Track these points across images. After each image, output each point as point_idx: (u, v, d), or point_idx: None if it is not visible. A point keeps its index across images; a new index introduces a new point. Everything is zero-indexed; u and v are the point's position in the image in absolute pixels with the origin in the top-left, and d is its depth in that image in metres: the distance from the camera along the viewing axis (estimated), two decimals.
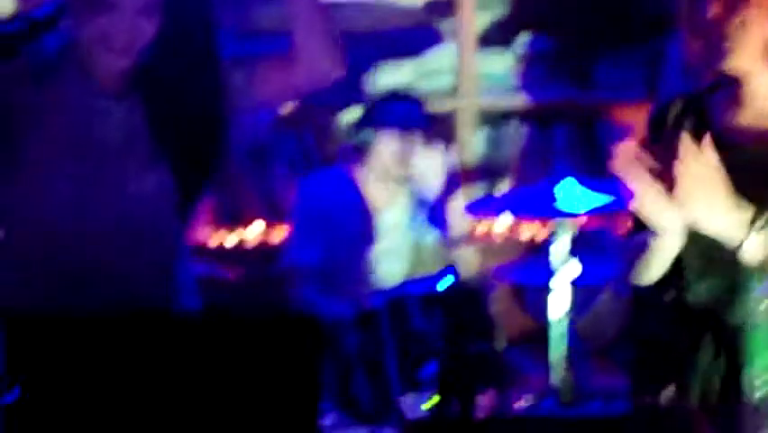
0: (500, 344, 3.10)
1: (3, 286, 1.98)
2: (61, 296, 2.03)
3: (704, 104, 2.18)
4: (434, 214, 3.90)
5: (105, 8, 2.03)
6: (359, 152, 3.69)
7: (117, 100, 2.14)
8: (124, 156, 2.14)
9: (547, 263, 3.42)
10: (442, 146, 3.72)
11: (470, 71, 4.22)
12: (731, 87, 2.13)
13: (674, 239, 2.00)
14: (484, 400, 1.95)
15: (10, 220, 2.10)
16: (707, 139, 1.94)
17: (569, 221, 3.34)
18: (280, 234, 4.03)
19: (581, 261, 3.49)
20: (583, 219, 4.04)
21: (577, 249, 3.58)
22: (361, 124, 3.72)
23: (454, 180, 3.80)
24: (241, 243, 4.15)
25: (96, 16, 2.04)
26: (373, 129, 3.64)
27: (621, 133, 4.34)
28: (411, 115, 3.69)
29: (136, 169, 2.15)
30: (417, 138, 3.67)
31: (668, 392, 1.99)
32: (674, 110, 2.20)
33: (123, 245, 2.11)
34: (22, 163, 2.09)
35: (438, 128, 4.29)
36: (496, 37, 4.35)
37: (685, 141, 1.92)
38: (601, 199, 3.48)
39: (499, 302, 3.44)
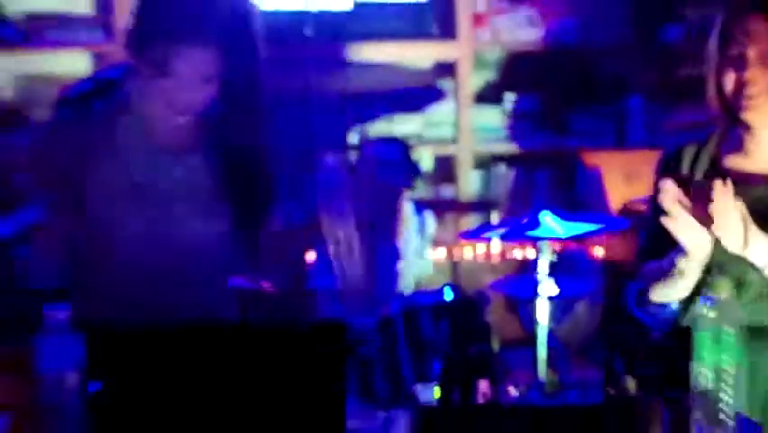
0: (495, 345, 3.08)
1: (83, 305, 1.93)
2: (130, 312, 2.00)
3: (715, 149, 2.13)
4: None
5: (170, 75, 1.96)
6: None
7: (176, 157, 2.08)
8: (184, 205, 2.08)
9: (533, 279, 3.41)
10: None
11: (466, 123, 4.20)
12: (740, 136, 2.10)
13: (701, 264, 1.97)
14: (481, 391, 1.90)
15: (87, 253, 2.06)
16: (729, 181, 1.89)
17: (547, 244, 3.32)
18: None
19: (561, 278, 3.48)
20: (559, 244, 4.03)
21: (557, 268, 3.56)
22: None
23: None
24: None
25: (162, 81, 1.97)
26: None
27: (592, 173, 4.32)
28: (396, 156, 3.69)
29: (193, 213, 2.09)
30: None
31: (631, 384, 1.97)
32: (688, 155, 2.14)
33: (181, 277, 2.07)
34: (94, 202, 2.04)
35: (441, 169, 4.33)
36: (488, 95, 4.34)
37: (717, 183, 1.87)
38: (574, 228, 3.47)
39: (494, 311, 3.41)
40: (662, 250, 2.08)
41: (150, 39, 1.96)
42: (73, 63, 4.10)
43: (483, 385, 1.96)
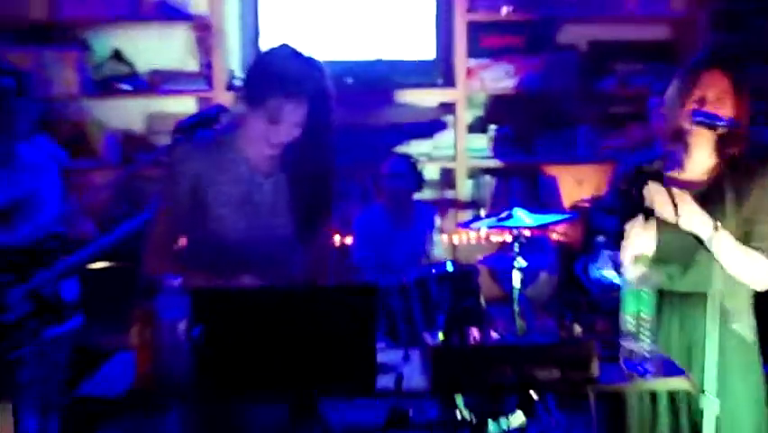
0: (483, 302, 3.08)
1: (191, 275, 1.93)
2: (227, 279, 1.99)
3: (660, 166, 2.12)
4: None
5: (277, 122, 1.96)
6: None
7: (265, 177, 2.07)
8: (270, 212, 2.08)
9: (509, 256, 3.40)
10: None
11: (462, 146, 4.18)
12: (678, 155, 2.10)
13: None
14: (472, 335, 1.91)
15: (201, 253, 2.05)
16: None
17: (521, 231, 3.31)
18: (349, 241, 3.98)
19: (528, 255, 3.47)
20: (527, 231, 4.02)
21: (526, 248, 3.55)
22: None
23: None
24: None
25: (268, 125, 1.96)
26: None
27: (551, 181, 4.31)
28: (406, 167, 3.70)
29: (276, 219, 2.08)
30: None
31: (577, 329, 1.97)
32: (640, 170, 2.11)
33: (263, 264, 2.05)
34: (208, 213, 2.04)
35: (445, 178, 4.33)
36: (477, 127, 4.32)
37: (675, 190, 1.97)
38: (539, 219, 3.46)
39: (482, 279, 3.41)
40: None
41: (266, 96, 1.95)
42: (183, 105, 4.13)
43: (474, 331, 1.96)
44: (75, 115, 4.16)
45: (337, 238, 4.06)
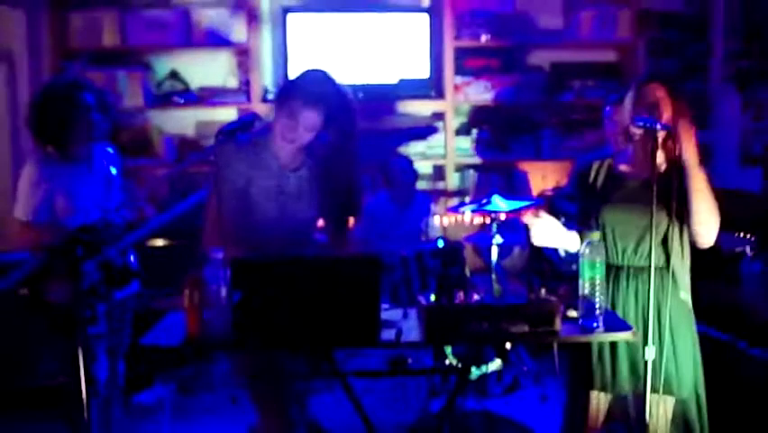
0: (467, 271, 3.05)
1: (232, 249, 1.90)
2: (260, 252, 1.99)
3: (612, 162, 2.11)
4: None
5: (294, 122, 1.95)
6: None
7: (292, 171, 2.06)
8: (296, 200, 2.05)
9: (489, 234, 3.36)
10: None
11: (451, 146, 4.12)
12: (629, 153, 2.08)
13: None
14: (458, 297, 1.87)
15: (237, 227, 2.02)
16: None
17: (498, 214, 3.27)
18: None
19: (504, 233, 3.43)
20: (503, 214, 3.98)
21: (502, 228, 3.51)
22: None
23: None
24: None
25: (288, 124, 1.96)
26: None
27: (522, 174, 4.26)
28: (406, 165, 3.63)
29: (300, 206, 2.06)
30: None
31: (543, 293, 1.93)
32: (595, 166, 2.13)
33: (289, 241, 2.04)
34: (248, 200, 2.02)
35: (437, 173, 4.26)
36: (463, 131, 4.25)
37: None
38: (512, 205, 3.42)
39: (467, 252, 3.39)
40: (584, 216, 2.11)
41: (290, 100, 1.95)
42: (226, 114, 4.08)
43: (460, 294, 1.92)
44: (140, 122, 4.17)
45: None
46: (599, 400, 2.07)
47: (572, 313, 1.89)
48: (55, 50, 3.92)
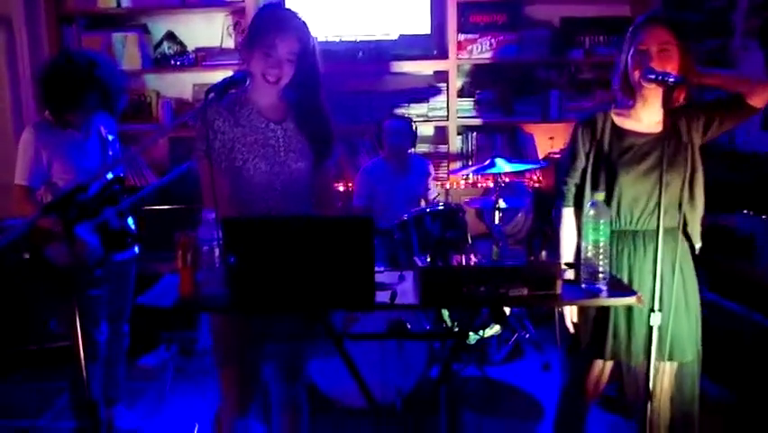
0: (469, 237, 3.01)
1: (223, 208, 1.87)
2: (253, 212, 1.95)
3: (611, 115, 2.03)
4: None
5: (271, 55, 1.90)
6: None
7: (277, 123, 2.00)
8: (284, 151, 2.00)
9: (491, 198, 3.32)
10: None
11: (453, 108, 4.03)
12: (630, 106, 1.99)
13: None
14: (456, 258, 1.83)
15: (230, 187, 1.97)
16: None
17: (501, 177, 3.22)
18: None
19: (507, 197, 3.39)
20: (507, 177, 3.94)
21: (505, 191, 3.47)
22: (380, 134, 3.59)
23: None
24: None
25: (265, 59, 1.91)
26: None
27: (527, 136, 4.18)
28: (404, 127, 3.56)
29: (290, 157, 2.00)
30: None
31: (543, 255, 1.88)
32: (600, 119, 2.02)
33: (285, 194, 1.99)
34: (235, 158, 1.97)
35: (439, 135, 4.19)
36: (466, 91, 4.15)
37: None
38: (516, 167, 3.37)
39: (469, 217, 3.34)
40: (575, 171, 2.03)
41: (263, 36, 1.90)
42: (222, 76, 4.00)
43: (457, 257, 1.87)
44: (137, 86, 4.13)
45: (349, 184, 4.00)
46: (604, 368, 2.04)
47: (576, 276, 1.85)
48: (52, 15, 3.90)
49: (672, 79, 1.77)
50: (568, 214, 2.07)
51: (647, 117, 1.98)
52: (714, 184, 2.03)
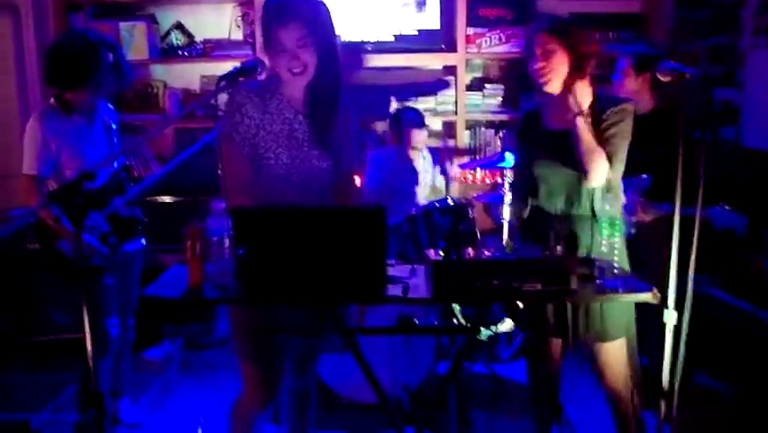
0: (478, 232, 2.98)
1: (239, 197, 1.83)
2: (272, 201, 1.90)
3: (539, 113, 2.12)
4: (443, 169, 3.79)
5: (281, 50, 1.82)
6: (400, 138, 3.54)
7: (303, 116, 1.92)
8: (307, 144, 1.92)
9: (500, 193, 3.28)
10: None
11: (462, 102, 3.99)
12: (547, 104, 2.09)
13: None
14: (468, 252, 1.79)
15: (250, 174, 1.90)
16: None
17: (508, 172, 3.18)
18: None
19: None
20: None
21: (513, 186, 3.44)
22: (395, 122, 3.55)
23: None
24: None
25: (281, 57, 1.83)
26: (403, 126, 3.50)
27: None
28: (417, 117, 3.51)
29: (312, 150, 1.93)
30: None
31: (560, 248, 1.83)
32: (531, 117, 2.15)
33: (302, 188, 1.93)
34: (257, 145, 1.90)
35: (447, 130, 4.16)
36: (474, 86, 4.11)
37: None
38: None
39: (477, 211, 3.31)
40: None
41: (271, 32, 1.83)
42: (230, 67, 3.98)
43: (470, 250, 1.84)
44: (144, 76, 4.09)
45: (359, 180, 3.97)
46: (558, 346, 2.11)
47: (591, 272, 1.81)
48: (59, 3, 3.86)
49: (688, 73, 1.76)
50: None
51: (555, 113, 2.06)
52: (722, 180, 2.00)
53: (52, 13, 3.82)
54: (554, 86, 1.99)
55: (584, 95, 2.00)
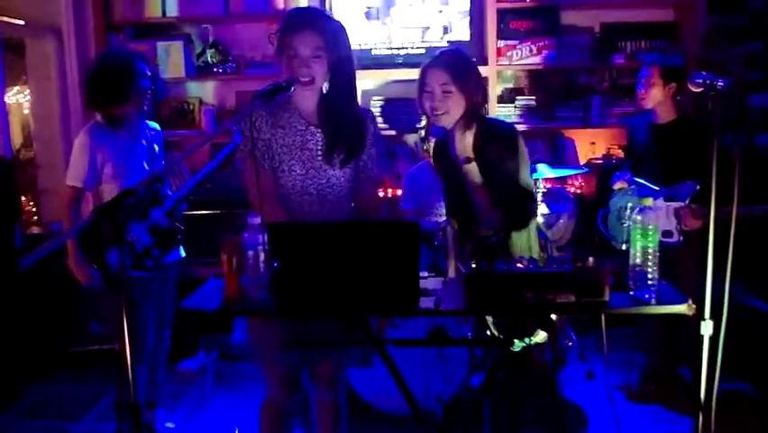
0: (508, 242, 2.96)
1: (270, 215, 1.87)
2: (293, 217, 1.96)
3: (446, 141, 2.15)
4: None
5: (294, 56, 1.88)
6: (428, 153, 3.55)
7: (315, 127, 1.98)
8: (321, 156, 1.98)
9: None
10: None
11: (494, 114, 3.99)
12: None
13: None
14: (500, 265, 1.78)
15: (274, 195, 1.97)
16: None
17: (542, 182, 3.16)
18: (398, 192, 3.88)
19: (550, 202, 3.35)
20: (549, 182, 3.88)
21: (548, 196, 3.42)
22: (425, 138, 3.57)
23: None
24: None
25: (293, 63, 1.89)
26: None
27: (569, 142, 4.12)
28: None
29: (326, 161, 1.98)
30: None
31: (591, 260, 1.82)
32: (441, 143, 2.21)
33: (321, 199, 1.98)
34: (273, 159, 1.97)
35: None
36: (506, 97, 4.11)
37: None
38: (559, 172, 3.31)
39: None
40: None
41: (284, 39, 1.90)
42: (264, 84, 4.07)
43: (502, 263, 1.84)
44: (180, 93, 4.21)
45: (389, 191, 3.98)
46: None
47: (624, 283, 1.79)
48: (99, 25, 4.01)
49: (720, 83, 1.74)
50: None
51: (455, 142, 2.09)
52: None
53: (93, 35, 3.98)
54: (449, 122, 2.07)
55: (468, 136, 2.06)
